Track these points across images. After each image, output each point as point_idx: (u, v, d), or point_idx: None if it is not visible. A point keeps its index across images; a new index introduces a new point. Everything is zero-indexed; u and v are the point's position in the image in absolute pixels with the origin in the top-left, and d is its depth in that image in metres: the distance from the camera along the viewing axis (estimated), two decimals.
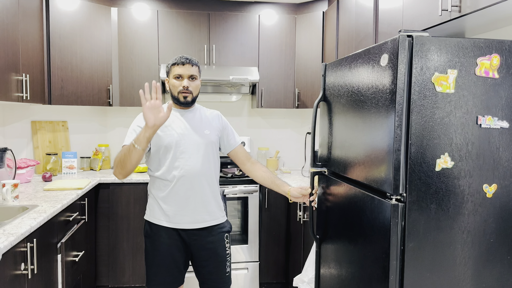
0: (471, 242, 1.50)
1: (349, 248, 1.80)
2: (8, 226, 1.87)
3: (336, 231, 1.95)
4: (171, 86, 2.12)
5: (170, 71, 2.12)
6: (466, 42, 1.45)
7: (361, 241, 1.67)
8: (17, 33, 2.68)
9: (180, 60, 2.08)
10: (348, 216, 1.81)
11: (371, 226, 1.58)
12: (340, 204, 1.90)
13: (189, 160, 2.07)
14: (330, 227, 2.03)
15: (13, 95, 2.62)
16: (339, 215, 1.91)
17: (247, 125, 4.12)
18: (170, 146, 2.06)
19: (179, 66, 2.08)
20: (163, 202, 2.09)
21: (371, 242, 1.58)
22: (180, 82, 2.09)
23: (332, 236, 2.02)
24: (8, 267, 1.70)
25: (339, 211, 1.91)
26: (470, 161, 1.48)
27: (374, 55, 1.58)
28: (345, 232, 1.84)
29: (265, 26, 3.68)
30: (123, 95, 3.53)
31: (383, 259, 1.48)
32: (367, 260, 1.61)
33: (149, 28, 3.52)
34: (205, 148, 2.12)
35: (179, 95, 2.10)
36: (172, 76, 2.10)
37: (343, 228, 1.86)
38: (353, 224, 1.74)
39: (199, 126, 2.14)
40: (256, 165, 2.31)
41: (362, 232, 1.66)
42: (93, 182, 3.12)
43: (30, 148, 3.52)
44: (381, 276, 1.50)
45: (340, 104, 1.93)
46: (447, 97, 1.45)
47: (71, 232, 2.52)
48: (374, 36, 2.49)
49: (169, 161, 2.07)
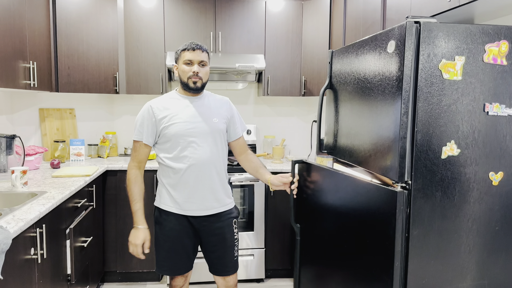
0: (476, 230, 1.50)
1: (343, 236, 1.78)
2: (17, 212, 1.89)
3: (325, 219, 1.93)
4: (180, 72, 2.12)
5: (179, 56, 2.11)
6: (474, 28, 1.43)
7: (361, 229, 1.64)
8: (23, 21, 2.69)
9: (190, 45, 2.08)
10: (343, 203, 1.79)
11: (374, 214, 1.56)
12: (331, 192, 1.88)
13: (198, 148, 2.08)
14: (317, 215, 2.00)
15: (21, 82, 2.64)
16: (329, 203, 1.89)
17: (253, 113, 4.12)
18: (179, 135, 2.07)
19: (189, 52, 2.07)
20: (172, 189, 2.11)
21: (373, 230, 1.56)
22: (190, 68, 2.09)
23: (319, 224, 1.99)
24: (18, 252, 1.73)
25: (329, 199, 1.89)
26: (476, 149, 1.47)
27: (381, 42, 1.57)
28: (338, 220, 1.82)
29: (272, 13, 3.65)
30: (130, 82, 3.53)
31: (387, 247, 1.48)
32: (369, 248, 1.60)
33: (155, 15, 3.51)
34: (214, 136, 2.13)
35: (188, 81, 2.10)
36: (182, 62, 2.10)
37: (335, 216, 1.84)
38: (350, 212, 1.72)
39: (207, 114, 2.14)
40: (248, 156, 2.33)
41: (362, 220, 1.64)
42: (101, 169, 3.14)
43: (38, 135, 3.55)
44: (385, 263, 1.50)
45: (347, 91, 1.93)
46: (454, 84, 1.44)
47: (80, 218, 2.56)
48: (381, 22, 2.46)
49: (178, 150, 2.08)
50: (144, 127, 2.11)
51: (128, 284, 3.39)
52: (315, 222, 2.01)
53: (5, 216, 1.82)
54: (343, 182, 1.77)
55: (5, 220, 1.76)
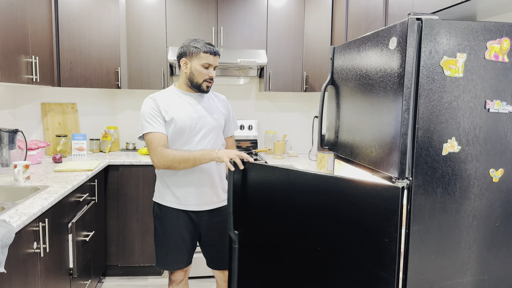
0: (476, 225, 1.51)
1: (312, 238, 1.64)
2: (20, 206, 1.91)
3: (282, 222, 1.74)
4: (195, 71, 2.07)
5: (197, 56, 2.06)
6: (476, 25, 1.43)
7: (348, 228, 1.54)
8: (26, 15, 2.69)
9: (213, 50, 2.05)
10: (312, 203, 1.64)
11: (368, 211, 1.48)
12: (286, 193, 1.71)
13: (199, 143, 2.09)
14: (265, 219, 1.79)
15: (23, 77, 2.65)
16: (288, 204, 1.71)
17: (254, 108, 4.12)
18: (182, 130, 2.07)
19: (211, 56, 2.05)
20: (172, 184, 2.12)
21: (368, 227, 1.48)
22: (207, 71, 2.08)
23: (269, 229, 1.78)
24: (21, 246, 1.74)
25: (286, 200, 1.72)
26: (477, 146, 1.47)
27: (383, 38, 1.57)
28: (304, 222, 1.66)
29: (274, 8, 3.64)
30: (132, 77, 3.54)
31: (387, 244, 1.44)
32: (361, 246, 1.51)
33: (156, 10, 3.51)
34: (214, 132, 2.15)
35: (203, 83, 2.09)
36: (200, 63, 2.06)
37: (300, 218, 1.67)
38: (328, 212, 1.59)
39: (209, 110, 2.15)
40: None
41: (349, 219, 1.53)
42: (103, 164, 3.16)
43: (40, 130, 3.56)
44: (384, 260, 1.46)
45: (348, 87, 1.93)
46: (455, 81, 1.44)
47: (82, 213, 2.57)
48: (383, 18, 2.46)
49: (180, 145, 2.09)
50: (153, 117, 2.06)
51: (129, 278, 3.42)
52: (262, 227, 1.81)
53: (8, 210, 1.84)
54: (315, 182, 1.63)
55: (8, 214, 1.78)
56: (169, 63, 3.50)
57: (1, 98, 3.08)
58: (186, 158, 1.99)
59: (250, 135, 3.99)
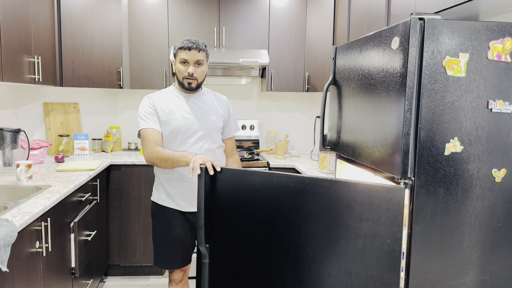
0: (478, 226, 1.51)
1: (302, 244, 1.53)
2: (23, 206, 1.91)
3: (259, 231, 1.59)
4: (176, 70, 2.09)
5: (176, 54, 2.08)
6: (478, 25, 1.43)
7: (348, 232, 1.47)
8: (28, 15, 2.69)
9: (186, 44, 2.02)
10: (298, 208, 1.52)
11: (373, 213, 1.43)
12: (264, 198, 1.57)
13: (194, 145, 2.09)
14: (241, 228, 1.64)
15: (26, 76, 2.65)
16: (267, 211, 1.57)
17: (256, 108, 4.12)
18: (176, 131, 2.07)
19: (185, 52, 2.03)
20: (168, 184, 2.12)
21: (369, 230, 1.44)
22: (185, 68, 2.06)
23: (248, 238, 1.63)
24: (24, 245, 1.75)
25: (264, 206, 1.58)
26: (479, 146, 1.47)
27: (385, 38, 1.57)
28: (290, 228, 1.54)
29: (276, 8, 3.64)
30: (134, 77, 3.54)
31: (390, 244, 1.41)
32: (363, 250, 1.45)
33: (159, 10, 3.51)
34: (210, 133, 2.13)
35: (183, 81, 2.08)
36: (178, 60, 2.07)
37: (282, 225, 1.54)
38: (328, 216, 1.48)
39: (205, 112, 2.14)
40: (233, 164, 2.35)
41: (350, 221, 1.46)
42: (105, 164, 3.16)
43: (42, 130, 3.57)
44: (388, 261, 1.42)
45: (350, 87, 1.93)
46: (458, 81, 1.44)
47: (84, 212, 2.58)
48: (386, 18, 2.46)
49: (175, 146, 2.08)
50: (148, 115, 2.08)
51: (131, 278, 3.42)
52: (239, 237, 1.65)
53: (11, 210, 1.84)
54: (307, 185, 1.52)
55: (10, 214, 1.78)
56: (171, 63, 3.50)
57: (4, 98, 3.09)
58: (166, 158, 1.91)
59: (252, 135, 3.99)
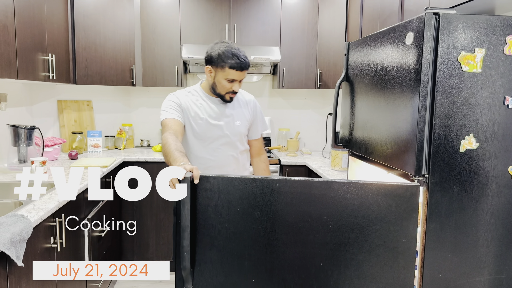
0: (494, 223, 1.48)
1: (312, 252, 1.38)
2: (37, 202, 1.94)
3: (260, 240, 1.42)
4: (218, 83, 1.98)
5: (222, 68, 1.93)
6: (495, 19, 1.41)
7: (361, 235, 1.36)
8: (42, 13, 2.72)
9: (240, 65, 1.92)
10: (305, 213, 1.38)
11: (387, 212, 1.35)
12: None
13: (216, 151, 2.05)
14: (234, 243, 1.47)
15: (40, 74, 2.68)
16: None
17: (268, 105, 4.11)
18: (200, 136, 2.03)
19: (237, 72, 1.93)
20: None
21: (383, 230, 1.35)
22: (231, 85, 1.97)
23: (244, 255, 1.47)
24: (39, 240, 1.77)
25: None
26: (495, 142, 1.45)
27: (399, 34, 1.55)
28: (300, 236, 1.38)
29: (287, 5, 3.63)
30: (146, 75, 3.56)
31: (406, 243, 1.35)
32: (377, 251, 1.36)
33: (170, 7, 3.52)
34: (234, 140, 2.08)
35: (225, 95, 2.01)
36: (224, 77, 1.95)
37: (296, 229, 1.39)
38: (338, 220, 1.36)
39: (231, 118, 2.07)
40: (260, 164, 2.28)
41: (363, 223, 1.36)
42: (118, 161, 3.19)
43: (56, 127, 3.61)
44: (403, 260, 1.36)
45: (363, 84, 1.91)
46: (473, 77, 1.42)
47: (97, 209, 2.60)
48: (399, 14, 2.43)
49: (198, 150, 2.05)
50: (170, 108, 1.99)
51: None
52: (233, 255, 1.49)
53: (26, 206, 1.87)
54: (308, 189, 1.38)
55: (25, 210, 1.81)
56: (183, 61, 3.51)
57: (19, 95, 3.13)
58: (165, 153, 1.74)
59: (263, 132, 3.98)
